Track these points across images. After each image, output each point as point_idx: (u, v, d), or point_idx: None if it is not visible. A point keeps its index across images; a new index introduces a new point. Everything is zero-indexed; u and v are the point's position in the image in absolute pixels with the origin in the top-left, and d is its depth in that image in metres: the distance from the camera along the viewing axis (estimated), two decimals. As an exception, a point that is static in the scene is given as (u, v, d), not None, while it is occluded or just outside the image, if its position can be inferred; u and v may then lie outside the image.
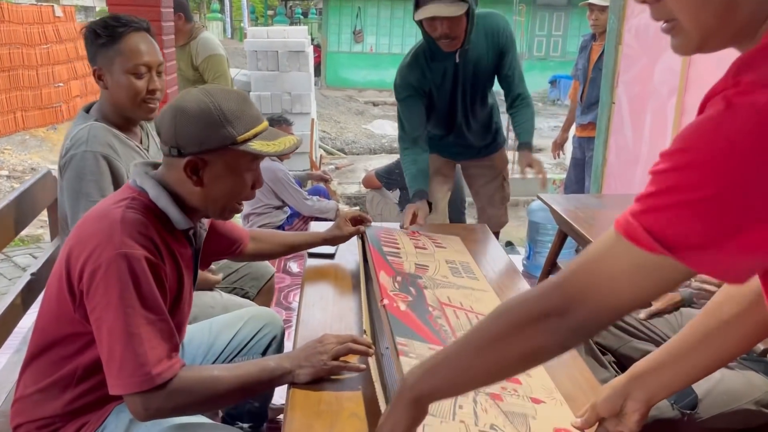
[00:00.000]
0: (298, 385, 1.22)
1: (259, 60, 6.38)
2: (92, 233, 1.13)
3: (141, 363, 1.07)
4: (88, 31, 1.67)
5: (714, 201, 0.56)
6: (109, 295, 1.07)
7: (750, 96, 0.54)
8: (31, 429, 1.20)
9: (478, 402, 1.09)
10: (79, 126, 1.70)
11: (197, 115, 1.16)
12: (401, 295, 1.42)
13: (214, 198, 1.23)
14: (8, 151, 7.36)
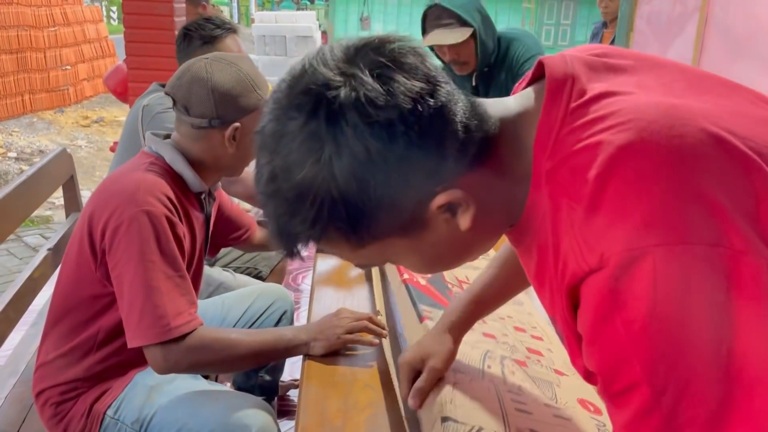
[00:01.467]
0: (314, 357, 1.25)
1: (267, 45, 6.39)
2: (114, 193, 1.17)
3: (160, 315, 1.11)
4: (187, 32, 1.84)
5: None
6: (130, 250, 1.12)
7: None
8: (54, 394, 1.24)
9: (505, 365, 1.11)
10: (157, 92, 1.86)
11: (234, 84, 1.24)
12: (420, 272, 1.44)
13: (243, 157, 1.32)
14: (16, 133, 7.39)
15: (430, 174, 0.57)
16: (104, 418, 1.23)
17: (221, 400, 1.26)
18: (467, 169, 0.60)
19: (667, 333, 0.48)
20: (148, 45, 3.12)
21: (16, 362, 1.66)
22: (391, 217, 0.58)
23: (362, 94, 0.53)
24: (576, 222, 0.54)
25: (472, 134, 0.59)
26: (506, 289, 1.04)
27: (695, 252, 0.48)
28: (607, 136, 0.54)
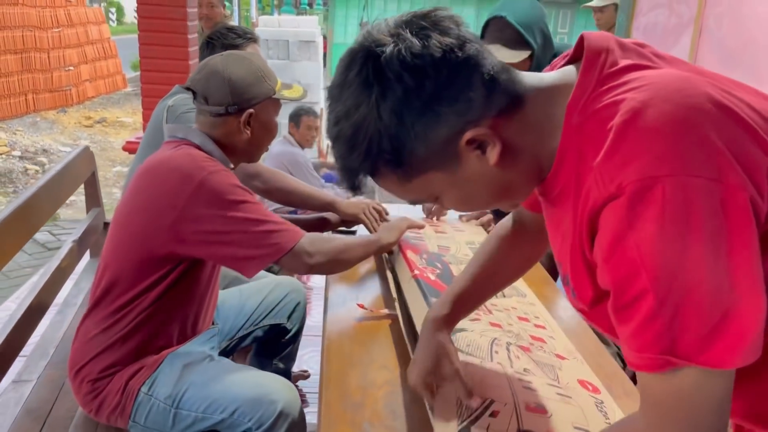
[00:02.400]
0: (333, 341, 1.35)
1: (270, 48, 6.48)
2: (171, 170, 1.31)
3: (276, 231, 1.35)
4: (210, 40, 1.95)
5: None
6: (219, 205, 1.29)
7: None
8: (92, 371, 1.33)
9: (511, 350, 1.20)
10: (180, 94, 1.95)
11: (246, 76, 1.40)
12: (429, 268, 1.54)
13: (257, 143, 1.47)
14: (20, 132, 7.46)
15: (458, 113, 0.67)
16: (138, 394, 1.33)
17: (249, 378, 1.36)
18: (496, 114, 0.70)
19: (671, 250, 0.59)
20: (162, 47, 3.22)
21: (45, 346, 1.75)
22: (428, 151, 0.69)
23: (403, 47, 0.66)
24: (599, 162, 0.64)
25: (501, 85, 0.70)
26: (490, 283, 1.12)
27: (698, 184, 0.58)
28: (629, 95, 0.65)
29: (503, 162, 0.72)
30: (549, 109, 0.72)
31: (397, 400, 1.16)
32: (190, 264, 1.34)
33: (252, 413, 1.30)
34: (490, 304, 1.41)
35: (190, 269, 1.35)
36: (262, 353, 1.83)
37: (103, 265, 1.35)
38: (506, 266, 1.12)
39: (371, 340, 1.38)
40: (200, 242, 1.29)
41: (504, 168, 0.72)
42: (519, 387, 1.07)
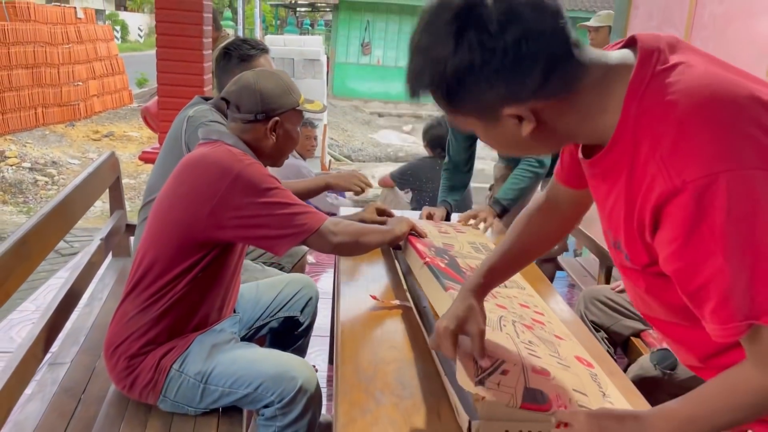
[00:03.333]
0: (346, 326, 1.49)
1: (276, 66, 6.68)
2: (210, 164, 1.47)
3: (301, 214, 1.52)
4: (227, 51, 2.12)
5: None
6: (255, 189, 1.46)
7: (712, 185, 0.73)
8: (129, 349, 1.47)
9: (517, 326, 1.34)
10: (200, 105, 2.09)
11: (274, 88, 1.58)
12: (438, 258, 1.68)
13: (281, 148, 1.65)
14: (30, 144, 7.63)
15: (509, 90, 0.79)
16: (170, 370, 1.47)
17: (273, 358, 1.51)
18: (543, 98, 0.81)
19: (740, 232, 0.72)
20: (178, 63, 3.39)
21: (75, 334, 1.89)
22: (473, 103, 0.82)
23: (485, 13, 0.76)
24: (662, 155, 0.75)
25: (560, 76, 0.80)
26: (519, 258, 1.25)
27: (754, 175, 0.72)
28: (682, 97, 0.76)
29: (535, 135, 0.85)
30: (605, 89, 0.83)
31: (405, 375, 1.30)
32: (221, 250, 1.49)
33: (274, 388, 1.44)
34: (495, 291, 1.55)
35: (220, 255, 1.50)
36: (276, 344, 1.96)
37: (143, 251, 1.49)
38: (535, 241, 1.23)
39: (381, 325, 1.52)
40: (237, 226, 1.44)
41: (534, 138, 0.85)
42: (525, 353, 1.21)
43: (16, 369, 1.41)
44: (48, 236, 1.70)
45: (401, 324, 1.52)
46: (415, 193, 3.88)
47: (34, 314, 2.93)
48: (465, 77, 0.79)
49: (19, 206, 5.90)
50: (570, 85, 0.82)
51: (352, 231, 1.63)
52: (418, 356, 1.37)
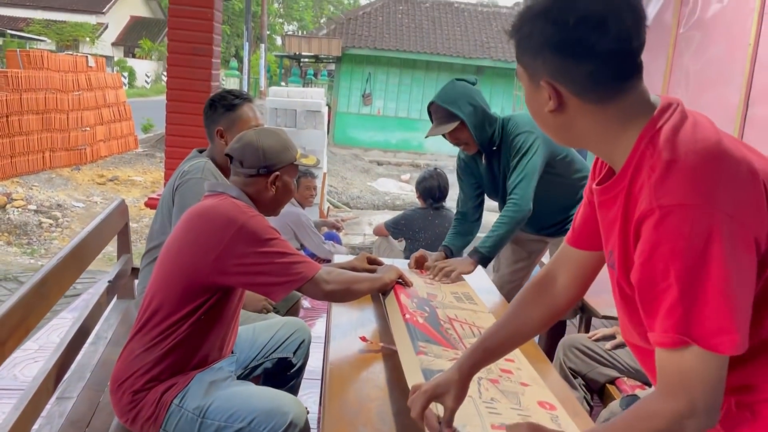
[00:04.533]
0: (335, 365, 1.62)
1: (279, 117, 6.93)
2: (215, 216, 1.62)
3: (300, 262, 1.68)
4: (213, 101, 2.28)
5: None
6: (257, 240, 1.62)
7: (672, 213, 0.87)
8: (134, 384, 1.60)
9: (481, 383, 1.46)
10: (196, 159, 2.25)
11: (274, 145, 1.76)
12: (418, 311, 1.81)
13: (279, 200, 1.82)
14: (36, 187, 7.83)
15: (557, 65, 0.95)
16: (171, 405, 1.59)
17: (267, 394, 1.64)
18: (577, 94, 0.95)
19: (694, 261, 0.85)
20: (186, 116, 3.61)
21: (81, 371, 2.01)
22: (531, 59, 0.98)
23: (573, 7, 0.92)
24: (653, 182, 0.89)
25: (601, 89, 0.95)
26: (512, 339, 1.30)
27: (718, 216, 0.85)
28: (686, 141, 0.91)
29: (555, 116, 1.00)
30: (629, 118, 0.96)
31: (386, 411, 1.43)
32: (222, 295, 1.64)
33: (267, 422, 1.56)
34: (467, 343, 1.68)
35: (221, 299, 1.64)
36: (270, 383, 2.07)
37: (151, 294, 1.64)
38: (528, 323, 1.29)
39: (367, 366, 1.65)
40: (239, 273, 1.59)
41: (554, 120, 1.01)
42: (486, 412, 1.34)
43: (29, 403, 1.53)
44: (64, 278, 1.85)
45: (385, 365, 1.65)
46: (408, 242, 4.02)
47: (37, 353, 3.04)
48: (536, 37, 0.96)
49: (23, 248, 6.04)
50: (604, 97, 0.96)
51: (343, 279, 1.78)
52: (399, 395, 1.50)
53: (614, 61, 0.94)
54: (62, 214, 7.10)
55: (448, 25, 17.95)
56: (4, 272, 4.59)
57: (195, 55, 3.64)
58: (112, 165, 9.92)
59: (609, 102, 0.96)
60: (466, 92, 2.45)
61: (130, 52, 30.12)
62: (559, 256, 1.30)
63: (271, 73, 24.19)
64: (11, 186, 7.64)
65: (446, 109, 2.41)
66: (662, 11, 3.28)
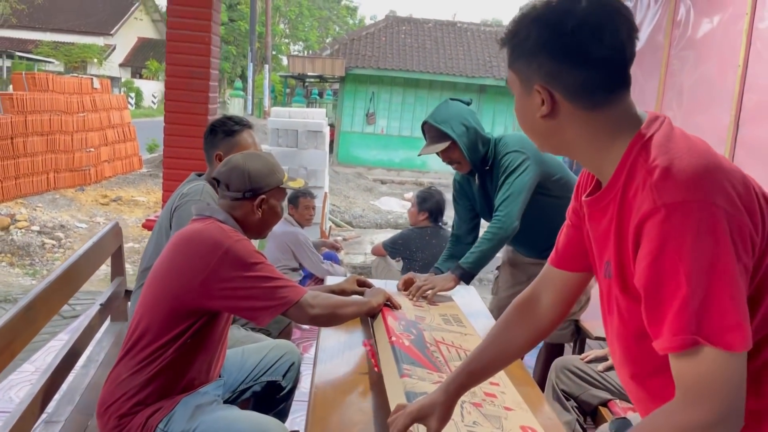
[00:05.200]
0: (320, 388, 1.62)
1: (280, 137, 6.98)
2: (201, 241, 1.63)
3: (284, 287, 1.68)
4: (213, 127, 2.32)
5: None
6: (242, 265, 1.63)
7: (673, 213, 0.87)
8: (120, 408, 1.60)
9: (464, 407, 1.45)
10: (194, 182, 2.28)
11: (261, 168, 1.78)
12: (405, 334, 1.82)
13: (266, 222, 1.83)
14: (40, 208, 7.89)
15: (550, 70, 0.97)
16: (156, 429, 1.59)
17: (251, 419, 1.64)
18: (569, 101, 0.98)
19: (703, 257, 0.84)
20: (184, 138, 3.64)
21: (72, 393, 2.02)
22: (524, 65, 1.00)
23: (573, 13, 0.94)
24: (652, 184, 0.89)
25: (591, 98, 0.97)
26: (496, 362, 1.31)
27: (721, 211, 0.85)
28: (678, 147, 0.93)
29: (546, 122, 1.02)
30: (618, 128, 0.99)
31: (369, 434, 1.43)
32: (208, 319, 1.64)
33: (250, 447, 1.56)
34: (453, 366, 1.68)
35: (207, 324, 1.65)
36: (258, 407, 2.07)
37: (138, 318, 1.65)
38: (511, 347, 1.30)
39: (352, 390, 1.65)
40: (225, 297, 1.60)
41: (544, 125, 1.03)
42: None
43: (14, 426, 1.54)
44: (53, 301, 1.86)
45: (371, 389, 1.65)
46: (405, 262, 4.03)
47: (33, 375, 3.05)
48: (532, 41, 0.99)
49: (26, 269, 6.07)
50: (596, 105, 0.98)
51: (329, 304, 1.78)
52: (382, 419, 1.49)
53: (607, 69, 0.97)
54: (65, 234, 7.14)
55: (450, 44, 18.10)
56: (4, 294, 4.61)
57: (193, 78, 3.69)
58: (116, 185, 10.00)
59: (599, 110, 0.98)
60: (459, 112, 2.47)
61: (137, 72, 30.48)
62: (542, 277, 1.31)
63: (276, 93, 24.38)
64: (15, 207, 7.70)
65: (438, 128, 2.45)
66: (655, 32, 3.31)
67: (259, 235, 1.86)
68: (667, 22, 3.15)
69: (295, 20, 37.10)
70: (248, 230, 1.78)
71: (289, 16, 36.47)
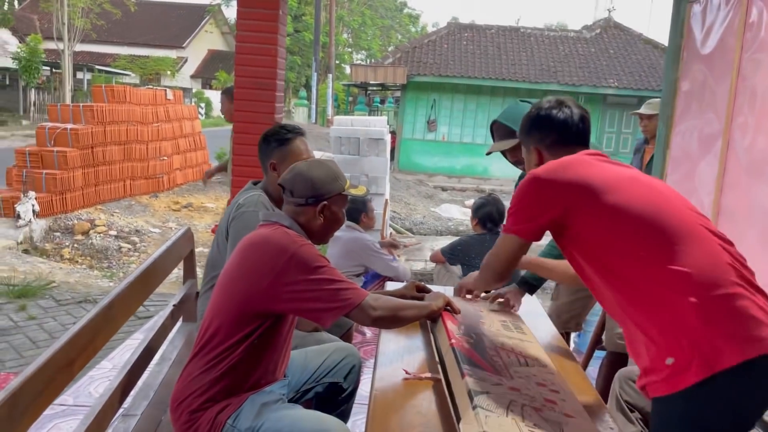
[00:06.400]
0: (380, 391, 1.66)
1: (343, 145, 7.11)
2: (270, 245, 1.71)
3: (348, 289, 1.74)
4: (266, 136, 2.39)
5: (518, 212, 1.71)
6: (308, 268, 1.70)
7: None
8: (192, 404, 1.69)
9: (525, 410, 1.46)
10: (251, 192, 2.36)
11: (323, 176, 1.84)
12: (464, 338, 1.84)
13: (328, 228, 1.88)
14: (117, 214, 8.32)
15: (540, 137, 1.85)
16: (224, 425, 1.67)
17: (314, 418, 1.70)
18: (548, 145, 1.83)
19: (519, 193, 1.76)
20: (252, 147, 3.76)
21: (146, 390, 2.13)
22: (530, 140, 1.89)
23: (542, 109, 1.87)
24: None
25: (555, 145, 1.82)
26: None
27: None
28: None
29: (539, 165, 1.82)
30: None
31: (428, 437, 1.46)
32: (274, 320, 1.71)
33: (313, 445, 1.62)
34: (513, 371, 1.69)
35: (273, 325, 1.72)
36: (321, 408, 2.13)
37: (209, 319, 1.74)
38: None
39: (411, 393, 1.68)
40: (290, 299, 1.67)
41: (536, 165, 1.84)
42: (526, 431, 1.36)
43: (95, 419, 1.64)
44: (131, 301, 1.98)
45: (430, 393, 1.68)
46: (464, 268, 4.03)
47: (111, 372, 3.23)
48: (534, 128, 1.89)
49: (104, 271, 6.41)
50: (557, 153, 1.79)
51: (390, 306, 1.82)
52: (439, 423, 1.52)
53: (564, 131, 1.83)
54: (140, 239, 7.50)
55: (513, 50, 17.91)
56: (84, 294, 4.89)
57: (259, 89, 3.83)
58: (186, 192, 10.42)
59: (561, 153, 1.79)
60: None
61: (207, 83, 31.65)
62: None
63: (339, 102, 24.76)
64: (95, 213, 8.15)
65: (507, 126, 2.50)
66: (726, 34, 3.19)
67: (321, 240, 1.91)
68: (739, 25, 3.04)
69: (358, 30, 37.60)
70: (312, 235, 1.85)
71: (352, 26, 37.00)
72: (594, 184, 1.58)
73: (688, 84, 3.63)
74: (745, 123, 2.96)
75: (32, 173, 7.64)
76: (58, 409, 2.83)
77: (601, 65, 17.28)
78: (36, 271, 5.71)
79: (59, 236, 7.29)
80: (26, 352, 3.65)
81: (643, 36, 18.81)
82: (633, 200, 1.54)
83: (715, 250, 1.50)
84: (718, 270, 1.46)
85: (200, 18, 32.31)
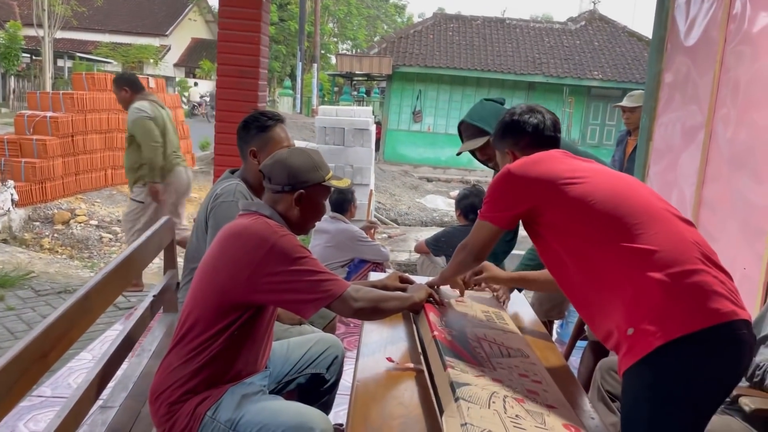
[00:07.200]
0: (361, 382, 1.65)
1: (327, 135, 7.08)
2: (251, 234, 1.68)
3: (327, 281, 1.72)
4: (246, 122, 2.34)
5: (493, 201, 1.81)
6: (287, 259, 1.66)
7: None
8: (170, 395, 1.67)
9: (507, 402, 1.46)
10: (228, 181, 2.31)
11: (302, 164, 1.80)
12: (447, 329, 1.83)
13: (305, 218, 1.84)
14: (98, 203, 8.21)
15: (513, 141, 1.97)
16: (204, 417, 1.65)
17: (295, 409, 1.68)
18: (519, 150, 1.94)
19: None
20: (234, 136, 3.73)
21: (125, 381, 2.10)
22: (504, 142, 2.00)
23: (515, 114, 1.99)
24: None
25: (528, 146, 1.93)
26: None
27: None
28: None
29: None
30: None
31: (407, 429, 1.45)
32: (254, 312, 1.69)
33: (293, 436, 1.60)
34: (495, 362, 1.69)
35: (253, 316, 1.70)
36: (303, 399, 2.11)
37: (188, 310, 1.71)
38: None
39: (393, 384, 1.67)
40: (270, 290, 1.65)
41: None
42: (511, 425, 1.35)
43: (72, 410, 1.61)
44: (108, 292, 1.94)
45: (413, 384, 1.67)
46: (448, 259, 4.02)
47: (91, 363, 3.19)
48: (508, 132, 1.99)
49: (84, 261, 6.33)
50: (527, 152, 1.89)
51: (371, 297, 1.81)
52: (421, 414, 1.51)
53: (536, 135, 1.95)
54: (121, 229, 7.40)
55: (499, 41, 17.90)
56: (64, 285, 4.83)
57: (242, 78, 3.78)
58: (169, 182, 10.28)
59: (531, 152, 1.88)
60: (495, 110, 2.55)
61: (191, 72, 31.29)
62: None
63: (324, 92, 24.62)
64: (75, 202, 8.03)
65: (475, 126, 2.54)
66: (709, 27, 3.20)
67: (302, 231, 1.88)
68: (722, 17, 3.05)
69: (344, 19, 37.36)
70: (291, 225, 1.82)
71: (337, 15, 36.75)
72: (562, 177, 1.68)
73: (671, 76, 3.64)
74: (727, 115, 2.97)
75: (11, 162, 7.50)
76: (36, 400, 2.80)
77: (586, 57, 17.33)
78: (15, 261, 5.62)
79: (39, 226, 7.18)
80: (4, 343, 3.59)
81: (628, 28, 18.90)
82: (598, 189, 1.64)
83: (678, 229, 1.58)
84: (681, 247, 1.54)
85: (184, 6, 31.88)
